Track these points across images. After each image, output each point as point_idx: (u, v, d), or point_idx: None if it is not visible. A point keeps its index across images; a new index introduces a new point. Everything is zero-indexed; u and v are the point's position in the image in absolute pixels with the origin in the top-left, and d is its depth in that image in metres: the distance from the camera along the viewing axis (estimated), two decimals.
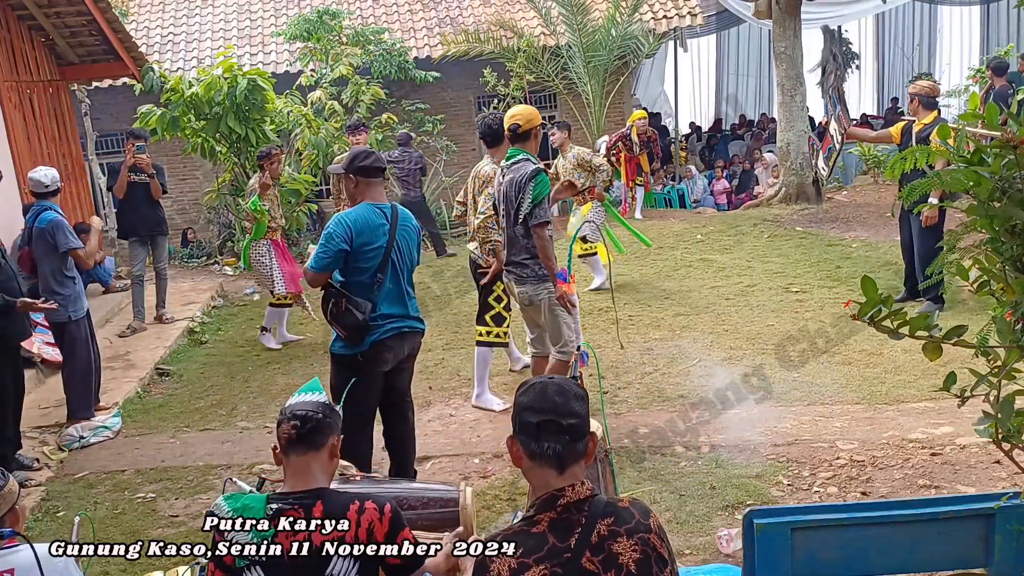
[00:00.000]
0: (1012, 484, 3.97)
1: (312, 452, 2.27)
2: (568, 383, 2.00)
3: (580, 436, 1.93)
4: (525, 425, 1.93)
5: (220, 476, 4.82)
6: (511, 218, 4.83)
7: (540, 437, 1.90)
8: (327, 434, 2.30)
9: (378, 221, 4.09)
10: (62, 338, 5.81)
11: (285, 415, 2.31)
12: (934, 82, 7.22)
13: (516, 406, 1.98)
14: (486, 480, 4.68)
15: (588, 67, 13.63)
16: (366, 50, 13.35)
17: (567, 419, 1.91)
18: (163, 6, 15.68)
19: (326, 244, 4.02)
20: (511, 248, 4.92)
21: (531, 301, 4.87)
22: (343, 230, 4.01)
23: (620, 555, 1.85)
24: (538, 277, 4.83)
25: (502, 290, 5.73)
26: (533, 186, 4.67)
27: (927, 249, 6.75)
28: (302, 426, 2.27)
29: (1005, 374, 2.09)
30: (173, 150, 12.90)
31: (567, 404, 1.93)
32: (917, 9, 19.90)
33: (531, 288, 4.86)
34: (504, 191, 4.85)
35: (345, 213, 4.11)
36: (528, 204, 4.69)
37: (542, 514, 1.89)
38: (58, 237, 5.60)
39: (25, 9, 8.45)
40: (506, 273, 5.05)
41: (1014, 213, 2.02)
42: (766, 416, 5.21)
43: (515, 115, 4.89)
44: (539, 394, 1.95)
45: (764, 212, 11.72)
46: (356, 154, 4.18)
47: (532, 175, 4.69)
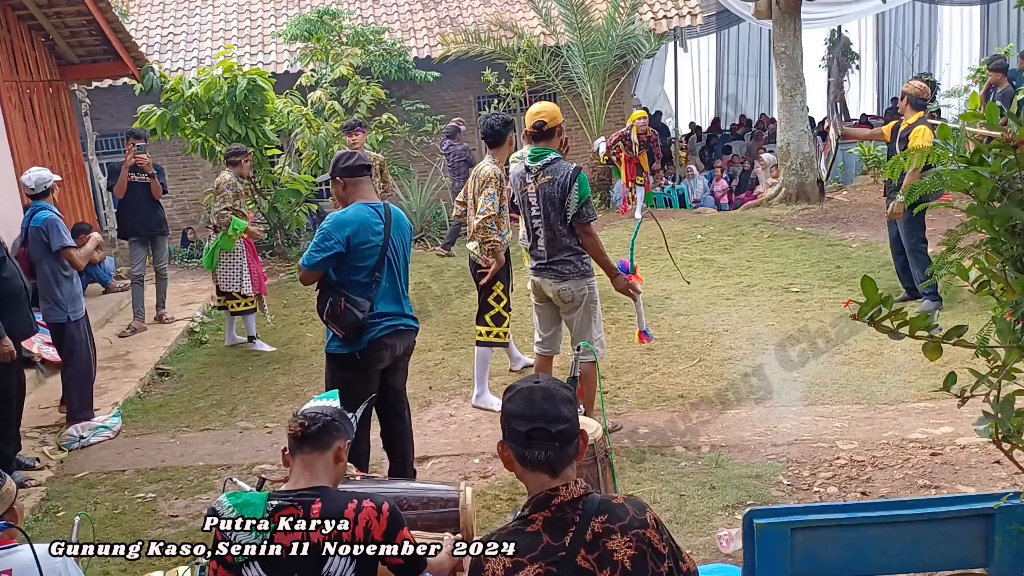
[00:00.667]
0: (1012, 484, 3.97)
1: (317, 453, 2.28)
2: (554, 385, 1.97)
3: (570, 440, 1.93)
4: (514, 433, 1.92)
5: (220, 476, 4.82)
6: (551, 218, 4.77)
7: (530, 445, 1.90)
8: (334, 436, 2.32)
9: (373, 220, 4.08)
10: (61, 339, 5.80)
11: (296, 416, 2.35)
12: (927, 84, 7.23)
13: (504, 412, 1.97)
14: (486, 480, 4.68)
15: (588, 67, 13.63)
16: (366, 50, 13.35)
17: (556, 425, 1.90)
18: (163, 6, 15.68)
19: (321, 243, 4.01)
20: (551, 247, 4.84)
21: (573, 298, 4.83)
22: (339, 230, 4.00)
23: (615, 552, 1.84)
24: (581, 273, 4.83)
25: (502, 290, 5.72)
26: (579, 185, 4.68)
27: (913, 244, 6.86)
28: (310, 425, 2.30)
29: (1005, 374, 2.09)
30: (173, 150, 12.90)
31: (555, 409, 1.91)
32: (917, 9, 19.89)
33: (574, 285, 4.82)
34: (542, 191, 4.77)
35: (341, 213, 4.11)
36: (576, 203, 4.68)
37: (536, 513, 1.89)
38: (52, 235, 5.58)
39: (25, 9, 8.45)
40: (538, 272, 4.96)
41: (1014, 213, 2.02)
42: (766, 416, 5.21)
43: (540, 113, 4.83)
44: (526, 401, 1.93)
45: (764, 212, 11.72)
46: (339, 157, 4.21)
47: (575, 174, 4.70)
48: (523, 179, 4.91)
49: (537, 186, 4.79)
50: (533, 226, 4.92)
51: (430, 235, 12.66)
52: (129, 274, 8.53)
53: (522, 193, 4.94)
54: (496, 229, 5.51)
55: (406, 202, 13.00)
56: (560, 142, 4.90)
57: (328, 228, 4.03)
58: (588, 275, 4.86)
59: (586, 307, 4.87)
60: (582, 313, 4.88)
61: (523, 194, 4.93)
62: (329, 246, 3.99)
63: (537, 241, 4.91)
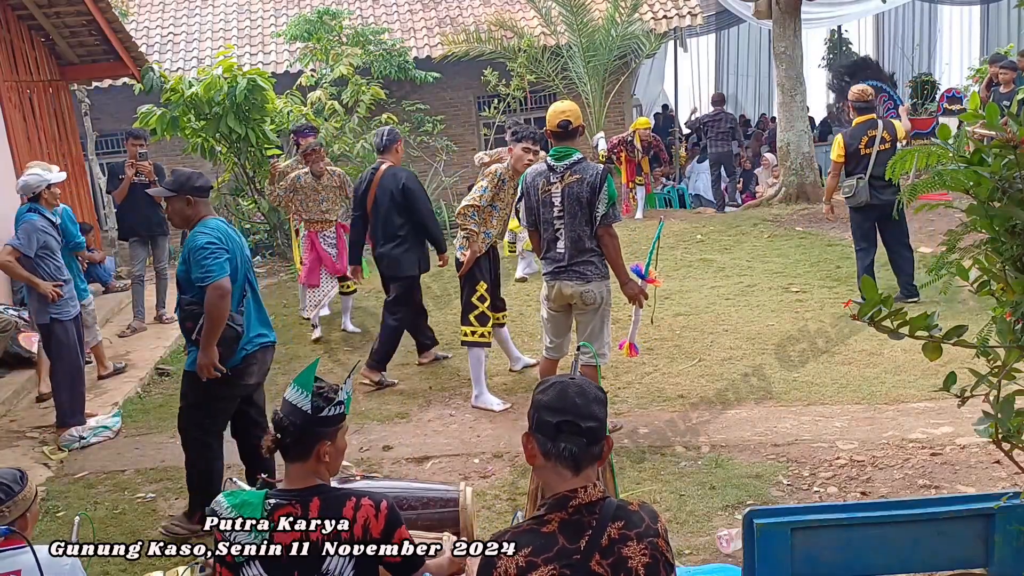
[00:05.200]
0: (1012, 484, 3.97)
1: (299, 462, 2.25)
2: (589, 384, 1.98)
3: (597, 440, 1.93)
4: (543, 424, 1.92)
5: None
6: (577, 218, 4.71)
7: (558, 438, 1.89)
8: (311, 444, 2.23)
9: (235, 235, 4.12)
10: (48, 340, 5.65)
11: (274, 418, 2.27)
12: (866, 87, 7.34)
13: (534, 404, 1.97)
14: (486, 480, 4.68)
15: (588, 67, 13.63)
16: (366, 50, 13.35)
17: (587, 422, 1.90)
18: (163, 6, 15.69)
19: (215, 254, 3.87)
20: (574, 249, 4.76)
21: (594, 300, 4.78)
22: (223, 242, 3.94)
23: (630, 559, 1.84)
24: (602, 276, 4.80)
25: (485, 289, 5.71)
26: (608, 186, 4.67)
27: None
28: (282, 439, 2.24)
29: (1005, 374, 2.09)
30: (173, 150, 12.89)
31: (587, 406, 1.92)
32: (917, 9, 19.90)
33: (596, 286, 4.76)
34: (569, 190, 4.69)
35: (213, 226, 4.01)
36: (606, 204, 4.66)
37: (553, 514, 1.88)
38: (18, 233, 5.49)
39: (25, 9, 8.45)
40: (556, 276, 4.85)
41: (1014, 213, 2.02)
42: (766, 416, 5.21)
43: (565, 112, 4.76)
44: (559, 394, 1.94)
45: (764, 212, 11.72)
46: (189, 175, 4.11)
47: (604, 175, 4.69)
48: (546, 178, 4.79)
49: (564, 185, 4.70)
50: (553, 227, 4.79)
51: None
52: (129, 274, 8.53)
53: (544, 193, 4.80)
54: (475, 219, 5.48)
55: None
56: None
57: (210, 239, 3.91)
58: (607, 277, 4.84)
59: (603, 310, 4.85)
60: (599, 316, 4.84)
61: (544, 194, 4.79)
62: (222, 254, 3.89)
63: (555, 244, 4.80)
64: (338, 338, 7.52)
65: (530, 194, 4.89)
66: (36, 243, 5.52)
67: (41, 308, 5.54)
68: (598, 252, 4.77)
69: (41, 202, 5.69)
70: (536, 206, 4.86)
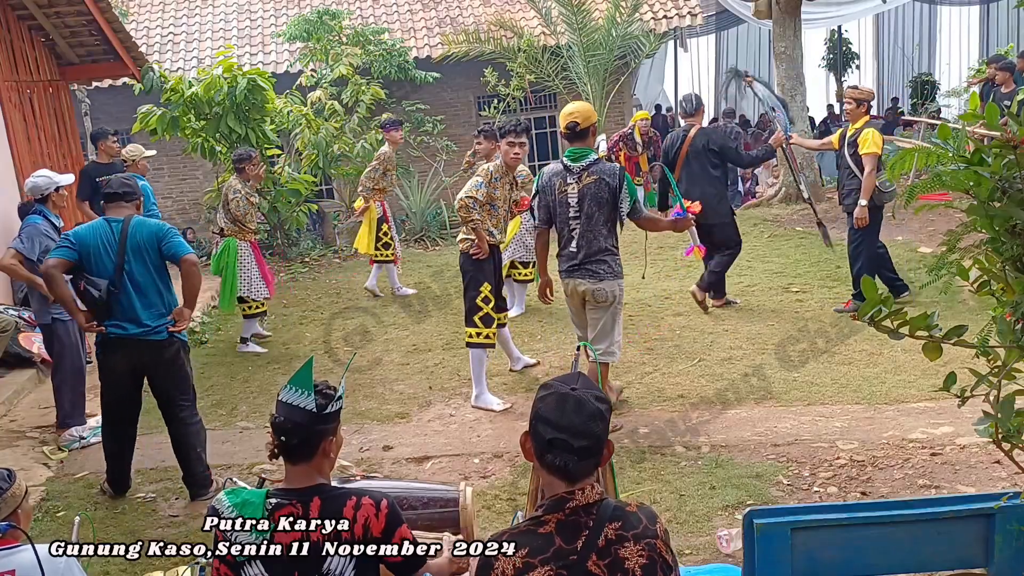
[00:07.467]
0: (1012, 484, 3.97)
1: (304, 462, 2.24)
2: (589, 396, 1.92)
3: (591, 455, 1.90)
4: (537, 435, 1.92)
5: (220, 476, 4.81)
6: (594, 218, 4.81)
7: (550, 451, 1.89)
8: (317, 443, 2.23)
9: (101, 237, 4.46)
10: (49, 341, 5.65)
11: (274, 420, 2.24)
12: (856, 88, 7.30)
13: (534, 409, 1.95)
14: (486, 480, 4.68)
15: (588, 67, 13.62)
16: (366, 50, 13.35)
17: (579, 440, 1.87)
18: (163, 6, 15.68)
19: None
20: (589, 248, 4.87)
21: (606, 298, 4.91)
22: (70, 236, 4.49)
23: (626, 560, 1.84)
24: (615, 274, 4.95)
25: (489, 291, 5.71)
26: (628, 185, 4.82)
27: (854, 247, 6.94)
28: (287, 441, 2.22)
29: (1005, 374, 2.09)
30: (173, 150, 12.90)
31: (583, 424, 1.88)
32: (917, 9, 19.91)
33: (608, 285, 4.90)
34: (587, 190, 4.79)
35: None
36: (629, 202, 4.81)
37: (550, 515, 1.88)
38: (21, 236, 5.49)
39: (25, 9, 8.44)
40: (570, 273, 4.98)
41: (1014, 213, 2.01)
42: (766, 416, 5.21)
43: (572, 113, 4.81)
44: (556, 408, 1.90)
45: (764, 212, 11.72)
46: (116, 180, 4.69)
47: (623, 174, 4.83)
48: (563, 178, 4.88)
49: (581, 186, 4.80)
50: (569, 227, 4.91)
51: (430, 235, 12.65)
52: None
53: (560, 193, 4.88)
54: (476, 209, 5.48)
55: (406, 202, 13.00)
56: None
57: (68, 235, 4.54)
58: (620, 276, 4.96)
59: (614, 308, 4.94)
60: (610, 314, 4.94)
61: (561, 194, 4.88)
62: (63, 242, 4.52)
63: (570, 242, 4.92)
64: (338, 338, 7.52)
65: (546, 192, 5.02)
66: (39, 247, 5.52)
67: (43, 308, 5.55)
68: (612, 251, 4.91)
69: (48, 204, 5.70)
70: (552, 204, 4.98)
